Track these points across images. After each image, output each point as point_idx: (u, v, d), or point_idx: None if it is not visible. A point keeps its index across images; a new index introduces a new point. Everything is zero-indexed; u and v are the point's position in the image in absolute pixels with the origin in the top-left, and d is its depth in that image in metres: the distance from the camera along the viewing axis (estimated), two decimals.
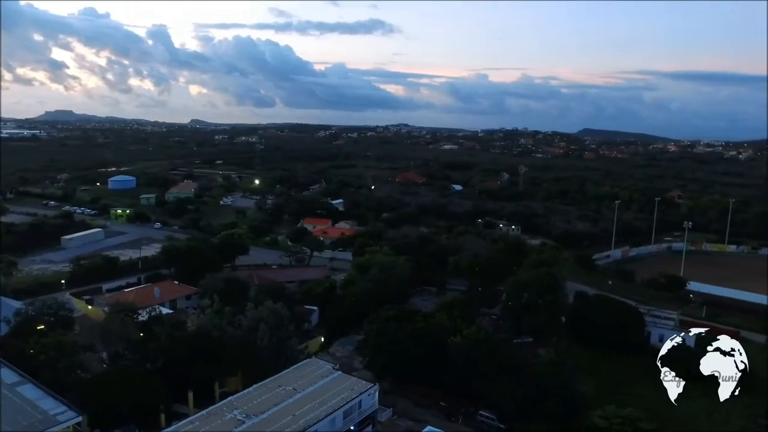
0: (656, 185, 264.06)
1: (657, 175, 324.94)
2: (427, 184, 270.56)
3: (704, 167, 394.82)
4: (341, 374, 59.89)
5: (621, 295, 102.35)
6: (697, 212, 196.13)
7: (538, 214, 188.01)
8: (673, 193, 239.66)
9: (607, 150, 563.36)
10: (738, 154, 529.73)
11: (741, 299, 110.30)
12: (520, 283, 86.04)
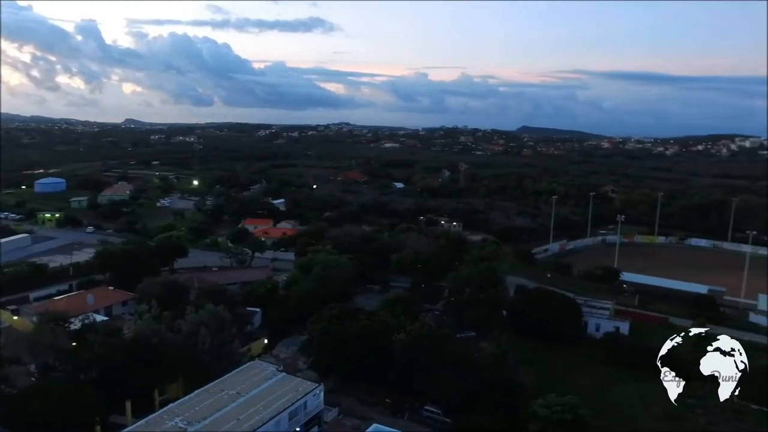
0: (591, 180, 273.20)
1: (592, 171, 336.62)
2: (368, 182, 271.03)
3: (635, 163, 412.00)
4: (285, 375, 59.12)
5: (559, 287, 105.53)
6: (629, 206, 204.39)
7: (478, 210, 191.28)
8: (606, 188, 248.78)
9: (544, 147, 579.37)
10: (665, 150, 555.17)
11: (670, 287, 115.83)
12: (462, 279, 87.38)
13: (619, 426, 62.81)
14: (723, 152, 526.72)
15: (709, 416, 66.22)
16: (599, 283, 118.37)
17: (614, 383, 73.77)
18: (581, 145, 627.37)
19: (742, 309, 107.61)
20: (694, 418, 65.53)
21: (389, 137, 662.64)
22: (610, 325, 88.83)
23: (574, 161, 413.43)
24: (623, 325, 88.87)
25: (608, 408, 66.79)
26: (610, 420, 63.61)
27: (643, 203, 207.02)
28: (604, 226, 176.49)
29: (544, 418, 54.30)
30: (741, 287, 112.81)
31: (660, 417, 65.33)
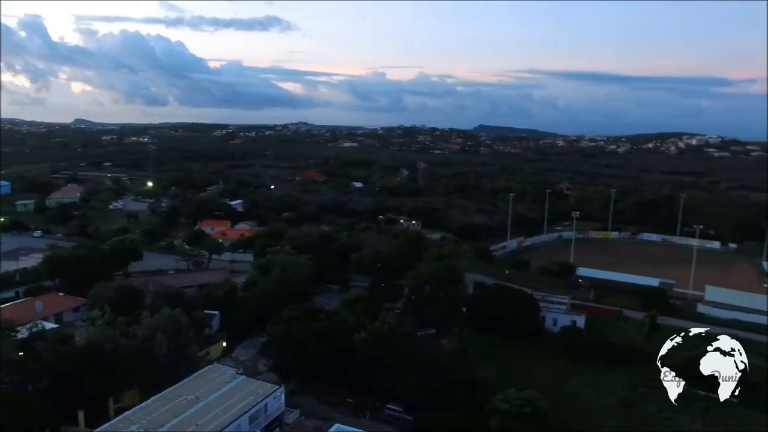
0: (547, 178, 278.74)
1: (547, 169, 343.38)
2: (327, 182, 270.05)
3: (589, 160, 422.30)
4: (245, 378, 58.34)
5: (517, 283, 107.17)
6: (583, 202, 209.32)
7: (437, 208, 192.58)
8: (562, 186, 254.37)
9: (501, 146, 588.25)
10: (617, 148, 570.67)
11: (623, 281, 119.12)
12: (421, 277, 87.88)
13: (576, 416, 64.25)
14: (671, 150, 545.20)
15: (661, 404, 68.40)
16: (556, 278, 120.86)
17: (571, 375, 75.47)
18: (537, 143, 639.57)
19: (690, 300, 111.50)
20: (646, 405, 67.76)
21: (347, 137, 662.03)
22: (567, 319, 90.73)
23: (530, 159, 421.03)
24: (579, 319, 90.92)
25: (566, 400, 68.31)
26: (568, 411, 65.04)
27: (597, 200, 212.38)
28: (560, 222, 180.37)
29: (504, 413, 55.13)
30: (689, 279, 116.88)
31: (614, 406, 67.36)
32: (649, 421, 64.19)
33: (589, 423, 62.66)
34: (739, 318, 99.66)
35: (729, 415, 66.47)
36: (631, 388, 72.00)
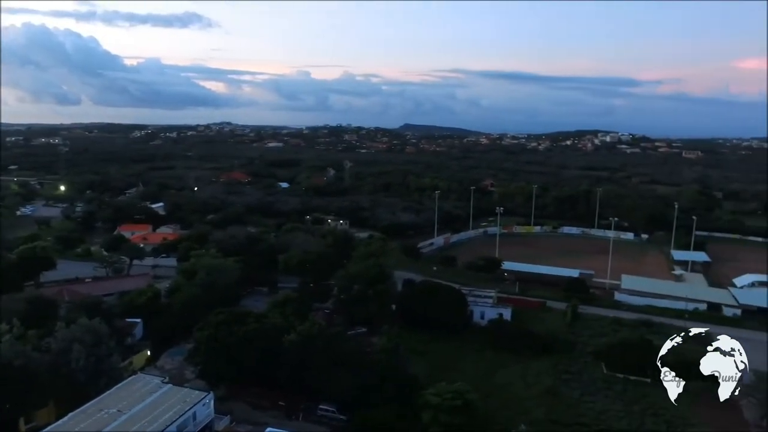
0: (471, 175, 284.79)
1: (472, 166, 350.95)
2: (252, 182, 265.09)
3: (511, 158, 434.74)
4: (171, 387, 56.29)
5: (445, 279, 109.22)
6: (507, 198, 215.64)
7: (364, 207, 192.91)
8: (486, 182, 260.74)
9: (426, 144, 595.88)
10: (538, 146, 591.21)
11: (546, 273, 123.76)
12: (350, 276, 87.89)
13: (505, 406, 66.17)
14: (588, 147, 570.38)
15: (583, 389, 71.78)
16: (482, 272, 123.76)
17: (499, 367, 77.61)
18: (461, 141, 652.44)
19: (608, 289, 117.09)
20: (570, 391, 70.77)
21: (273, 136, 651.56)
22: (494, 312, 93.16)
23: (454, 157, 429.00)
24: (506, 312, 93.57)
25: (495, 390, 70.22)
26: (497, 401, 66.96)
27: (520, 195, 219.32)
28: (485, 218, 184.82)
29: (436, 407, 56.02)
30: (607, 269, 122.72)
31: (541, 394, 69.86)
32: (572, 406, 66.98)
33: (517, 411, 64.61)
34: (652, 303, 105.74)
35: (644, 395, 70.44)
36: (556, 376, 74.93)
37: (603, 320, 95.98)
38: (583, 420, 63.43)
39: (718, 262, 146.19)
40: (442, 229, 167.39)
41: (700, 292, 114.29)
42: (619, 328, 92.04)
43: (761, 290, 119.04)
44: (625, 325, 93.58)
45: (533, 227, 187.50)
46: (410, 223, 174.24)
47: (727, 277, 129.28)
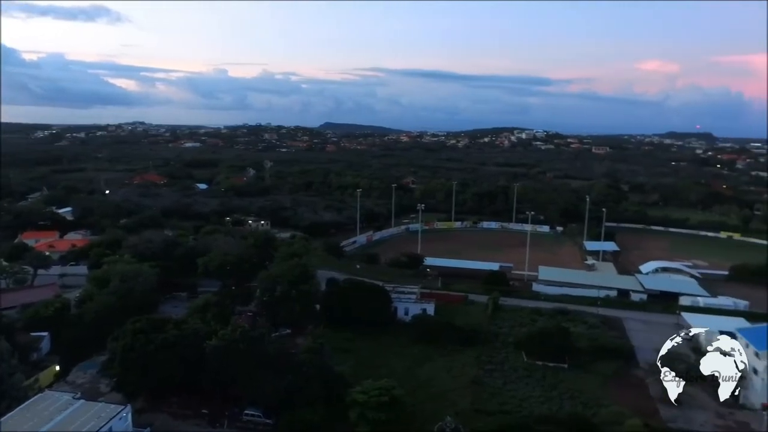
0: (392, 173, 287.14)
1: (392, 164, 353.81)
2: (169, 184, 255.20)
3: (431, 155, 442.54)
4: (84, 402, 53.27)
5: (369, 276, 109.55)
6: (428, 195, 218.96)
7: (285, 207, 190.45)
8: (407, 180, 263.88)
9: (347, 142, 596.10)
10: (457, 143, 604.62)
11: (467, 267, 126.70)
12: (272, 277, 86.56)
13: (432, 399, 67.12)
14: (505, 144, 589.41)
15: (505, 378, 74.05)
16: (405, 269, 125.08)
17: (425, 361, 78.69)
18: (382, 139, 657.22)
19: (526, 281, 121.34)
20: (493, 381, 72.81)
21: (189, 136, 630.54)
22: (418, 308, 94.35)
23: (375, 155, 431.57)
24: (429, 307, 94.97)
25: (421, 384, 71.12)
26: (424, 395, 67.82)
27: (440, 192, 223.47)
28: (407, 215, 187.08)
29: (363, 404, 56.08)
30: (525, 262, 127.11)
31: (466, 385, 71.46)
32: (496, 394, 68.93)
33: (444, 403, 65.64)
34: (568, 293, 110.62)
35: (562, 380, 73.76)
36: (479, 367, 76.90)
37: (522, 311, 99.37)
38: (506, 408, 65.36)
39: (626, 251, 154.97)
40: (364, 227, 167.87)
41: (610, 280, 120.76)
42: (538, 317, 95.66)
43: (664, 276, 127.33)
44: (543, 314, 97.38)
45: (454, 223, 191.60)
46: (332, 222, 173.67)
47: (634, 265, 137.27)
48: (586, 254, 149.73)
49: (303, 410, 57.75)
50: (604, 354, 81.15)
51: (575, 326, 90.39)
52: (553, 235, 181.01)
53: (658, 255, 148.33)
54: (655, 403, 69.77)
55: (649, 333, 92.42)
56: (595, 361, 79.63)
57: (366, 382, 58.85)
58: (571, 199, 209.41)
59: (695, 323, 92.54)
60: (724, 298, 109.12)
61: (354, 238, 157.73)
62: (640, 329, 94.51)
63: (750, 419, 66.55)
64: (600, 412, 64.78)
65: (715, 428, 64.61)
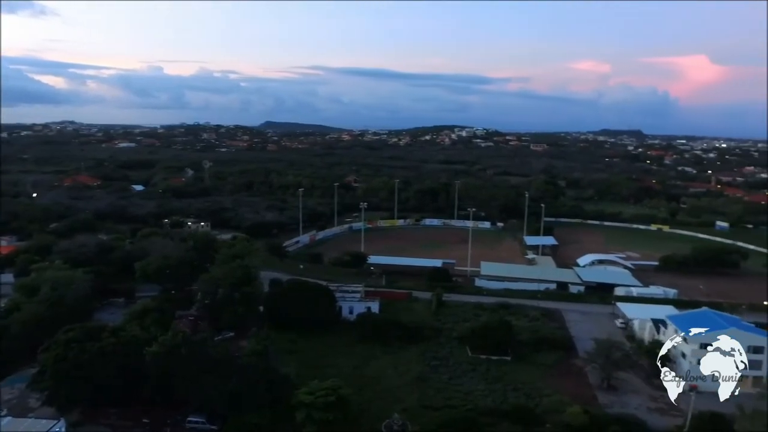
0: (334, 172, 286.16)
1: (334, 163, 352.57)
2: (102, 186, 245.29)
3: (373, 153, 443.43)
4: (12, 419, 50.81)
5: (312, 276, 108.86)
6: (370, 193, 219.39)
7: (226, 208, 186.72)
8: (349, 178, 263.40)
9: (288, 141, 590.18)
10: (399, 141, 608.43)
11: (410, 265, 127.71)
12: (214, 279, 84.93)
13: (379, 396, 67.24)
14: (446, 141, 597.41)
15: (451, 372, 75.05)
16: (349, 268, 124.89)
17: (371, 359, 78.77)
18: (323, 138, 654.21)
19: (469, 276, 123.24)
20: (439, 376, 73.67)
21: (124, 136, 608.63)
22: (362, 307, 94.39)
23: (317, 154, 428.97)
24: (374, 305, 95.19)
25: (368, 382, 71.15)
26: (370, 393, 67.87)
27: (383, 190, 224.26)
28: (350, 214, 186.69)
29: (309, 405, 55.61)
30: (467, 258, 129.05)
31: (412, 381, 72.04)
32: (442, 390, 69.77)
33: (391, 400, 65.89)
34: (509, 287, 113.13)
35: (506, 372, 75.51)
36: (425, 363, 77.63)
37: (466, 306, 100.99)
38: (452, 402, 66.24)
39: (564, 245, 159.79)
40: (307, 226, 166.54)
41: (550, 273, 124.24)
42: (481, 312, 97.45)
43: (600, 268, 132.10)
44: (486, 309, 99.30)
45: (397, 220, 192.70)
46: (275, 222, 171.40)
47: (571, 258, 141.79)
48: (526, 249, 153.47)
49: (249, 414, 56.79)
50: (545, 345, 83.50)
51: (517, 319, 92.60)
52: (494, 230, 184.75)
53: (594, 248, 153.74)
54: (594, 390, 72.49)
55: (587, 323, 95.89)
56: (536, 352, 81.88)
57: (312, 383, 58.41)
58: (511, 195, 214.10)
59: (629, 312, 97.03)
60: (655, 287, 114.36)
61: (297, 238, 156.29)
62: (579, 320, 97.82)
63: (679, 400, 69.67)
64: (542, 402, 66.68)
65: (648, 410, 67.47)
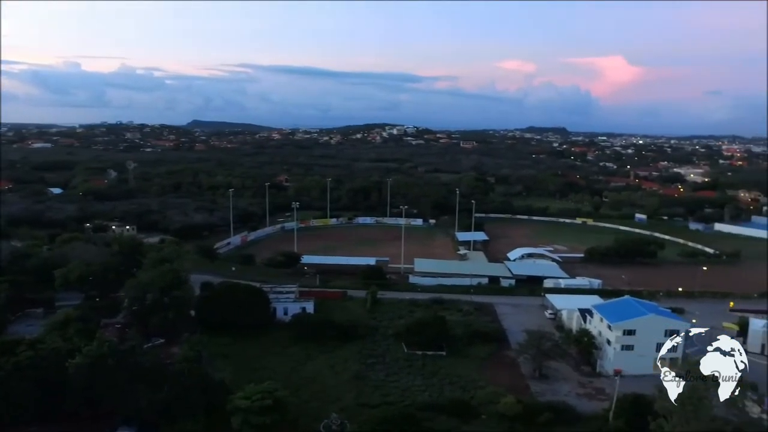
0: (265, 171, 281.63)
1: (265, 162, 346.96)
2: (15, 189, 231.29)
3: (304, 152, 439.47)
4: None
5: (245, 278, 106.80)
6: (302, 193, 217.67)
7: (153, 210, 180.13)
8: (280, 178, 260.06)
9: (217, 141, 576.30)
10: (330, 140, 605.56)
11: (345, 263, 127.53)
12: (142, 285, 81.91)
13: (316, 397, 66.79)
14: (377, 139, 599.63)
15: (387, 370, 75.48)
16: (282, 268, 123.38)
17: (307, 360, 78.09)
18: (253, 137, 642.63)
19: (403, 273, 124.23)
20: (375, 374, 73.95)
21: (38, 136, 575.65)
22: (297, 307, 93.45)
23: (247, 153, 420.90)
24: (308, 305, 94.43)
25: (305, 383, 70.57)
26: (307, 394, 67.36)
27: (315, 189, 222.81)
28: (282, 214, 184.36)
29: (245, 410, 54.52)
30: (401, 255, 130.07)
31: (349, 380, 72.00)
32: (379, 387, 70.06)
33: (328, 401, 65.58)
34: (442, 282, 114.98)
35: (441, 366, 76.73)
36: (362, 361, 77.67)
37: (401, 303, 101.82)
38: (389, 399, 66.63)
39: (495, 240, 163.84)
40: (238, 227, 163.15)
41: (481, 268, 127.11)
42: (415, 308, 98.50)
43: (529, 261, 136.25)
44: (421, 305, 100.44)
45: (330, 219, 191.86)
46: (205, 224, 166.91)
47: (502, 252, 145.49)
48: (458, 245, 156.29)
49: (183, 422, 55.08)
50: (478, 339, 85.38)
51: (451, 314, 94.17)
52: (427, 227, 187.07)
53: (524, 242, 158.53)
54: (526, 379, 74.80)
55: (519, 315, 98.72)
56: (470, 345, 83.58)
57: (248, 387, 57.30)
58: (442, 192, 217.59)
59: (558, 303, 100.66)
60: (581, 278, 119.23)
61: (228, 239, 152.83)
62: (510, 312, 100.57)
63: (605, 385, 73.20)
64: (477, 394, 68.15)
65: (578, 396, 70.33)
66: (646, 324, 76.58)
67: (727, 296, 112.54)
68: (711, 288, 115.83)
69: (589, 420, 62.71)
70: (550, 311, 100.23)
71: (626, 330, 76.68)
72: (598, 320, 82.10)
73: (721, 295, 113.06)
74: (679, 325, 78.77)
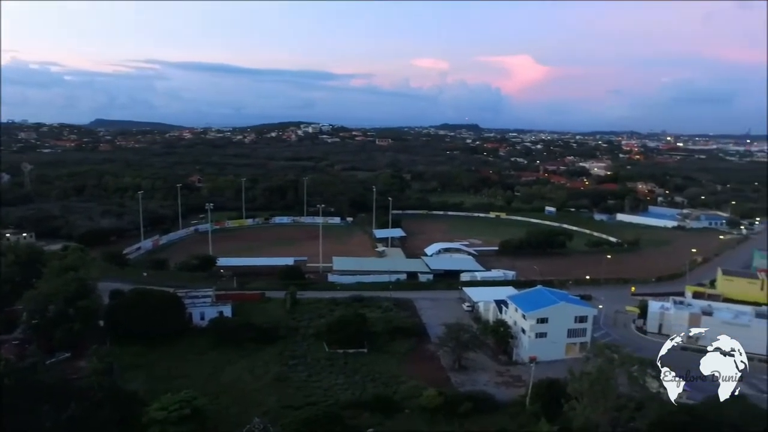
0: (176, 171, 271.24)
1: (176, 162, 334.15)
2: None
3: (217, 151, 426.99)
4: None
5: (158, 284, 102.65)
6: (216, 193, 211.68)
7: (54, 215, 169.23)
8: (193, 178, 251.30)
9: (123, 140, 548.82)
10: (244, 138, 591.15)
11: (262, 264, 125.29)
12: (43, 296, 76.73)
13: (237, 402, 65.24)
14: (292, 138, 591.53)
15: (309, 370, 74.93)
16: (197, 272, 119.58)
17: (226, 364, 76.13)
18: (163, 136, 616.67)
19: (322, 272, 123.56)
20: (297, 375, 73.30)
21: None
22: (214, 311, 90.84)
23: (156, 153, 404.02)
24: (226, 309, 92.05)
25: (225, 389, 68.86)
26: (228, 399, 65.67)
27: (229, 189, 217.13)
28: (196, 215, 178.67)
29: (162, 421, 52.55)
30: (319, 254, 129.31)
31: (270, 382, 70.96)
32: (301, 388, 69.50)
33: (250, 405, 64.18)
34: (362, 280, 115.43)
35: (363, 364, 77.19)
36: (283, 362, 76.65)
37: (320, 302, 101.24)
38: (312, 399, 66.22)
39: (412, 236, 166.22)
40: (149, 231, 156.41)
41: (400, 264, 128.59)
42: (335, 307, 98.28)
43: (446, 256, 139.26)
44: (340, 303, 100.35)
45: (245, 220, 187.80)
46: (112, 229, 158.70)
47: (420, 248, 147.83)
48: (376, 242, 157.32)
49: None
50: (399, 334, 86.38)
51: (371, 311, 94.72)
52: (344, 225, 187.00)
53: (440, 237, 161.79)
54: (447, 372, 76.50)
55: (437, 309, 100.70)
56: (391, 341, 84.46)
57: (164, 397, 55.20)
58: (359, 189, 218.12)
59: (474, 296, 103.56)
60: (496, 270, 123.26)
61: (138, 243, 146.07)
62: (429, 307, 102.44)
63: (522, 372, 76.16)
64: (400, 389, 69.04)
65: (496, 385, 72.77)
66: (558, 312, 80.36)
67: (629, 281, 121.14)
68: (615, 275, 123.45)
69: (507, 407, 65.06)
70: (468, 304, 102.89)
71: (539, 318, 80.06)
72: (513, 310, 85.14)
73: (624, 281, 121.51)
74: (587, 311, 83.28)
